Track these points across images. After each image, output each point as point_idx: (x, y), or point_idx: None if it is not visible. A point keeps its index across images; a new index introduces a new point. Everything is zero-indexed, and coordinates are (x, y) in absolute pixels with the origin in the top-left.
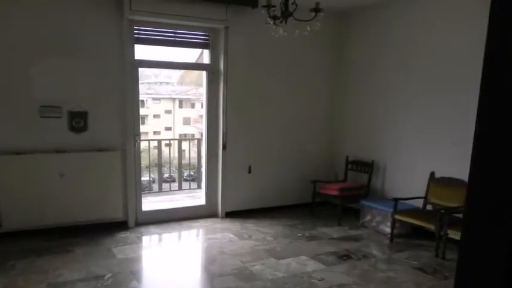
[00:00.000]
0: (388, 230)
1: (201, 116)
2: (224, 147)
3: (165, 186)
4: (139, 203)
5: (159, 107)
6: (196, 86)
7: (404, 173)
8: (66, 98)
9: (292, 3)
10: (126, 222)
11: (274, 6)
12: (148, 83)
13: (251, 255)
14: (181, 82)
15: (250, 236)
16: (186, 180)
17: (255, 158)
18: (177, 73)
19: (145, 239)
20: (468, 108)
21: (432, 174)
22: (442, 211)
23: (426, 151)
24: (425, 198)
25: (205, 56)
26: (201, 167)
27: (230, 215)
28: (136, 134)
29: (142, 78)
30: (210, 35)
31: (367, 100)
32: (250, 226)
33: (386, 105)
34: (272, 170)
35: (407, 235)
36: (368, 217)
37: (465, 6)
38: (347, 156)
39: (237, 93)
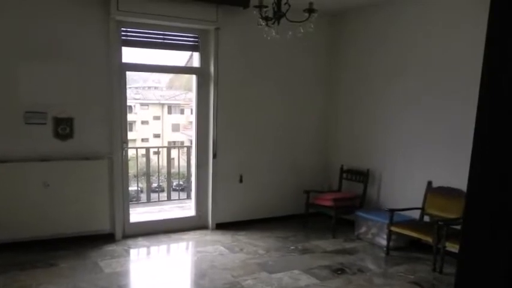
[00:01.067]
0: (384, 242)
1: (191, 123)
2: (214, 155)
3: (154, 196)
4: (126, 214)
5: (148, 113)
6: (186, 90)
7: (400, 182)
8: (51, 103)
9: (285, 4)
10: (113, 234)
11: (266, 7)
12: (136, 88)
13: (242, 269)
14: (170, 86)
15: (241, 249)
16: (175, 190)
17: (246, 166)
18: (166, 77)
19: (133, 252)
20: (468, 114)
21: (429, 183)
22: (440, 223)
23: (423, 159)
24: (422, 209)
25: (195, 59)
26: (191, 176)
27: (221, 226)
28: (124, 142)
29: (130, 82)
30: (199, 36)
31: (362, 106)
32: (242, 238)
33: (383, 112)
34: (264, 179)
35: (404, 248)
36: (363, 229)
37: (464, 6)
38: (342, 165)
39: (228, 99)
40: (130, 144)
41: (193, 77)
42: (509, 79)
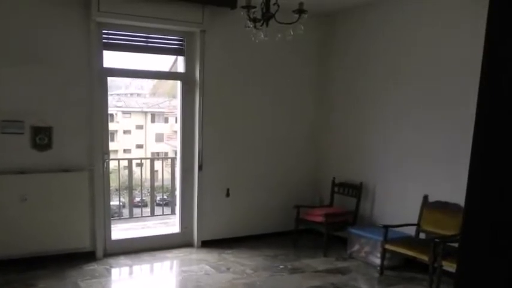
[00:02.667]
0: (377, 261)
1: (175, 132)
2: (200, 167)
3: (136, 211)
4: (108, 230)
5: (130, 122)
6: (170, 97)
7: (395, 196)
8: (29, 111)
9: (274, 4)
10: (94, 252)
11: (254, 7)
12: (118, 95)
13: None
14: (153, 93)
15: (228, 269)
16: (159, 204)
17: (233, 179)
18: (149, 83)
19: (114, 271)
20: (466, 124)
21: (425, 197)
22: (437, 240)
23: (419, 171)
24: (418, 225)
25: (180, 64)
26: (175, 190)
27: (206, 244)
28: (105, 153)
29: (112, 88)
30: (184, 39)
31: (355, 114)
32: (229, 257)
33: (376, 121)
34: (252, 193)
35: (399, 267)
36: (356, 247)
37: (465, 6)
38: (333, 178)
39: (214, 106)
40: (111, 156)
41: (178, 83)
42: (509, 79)
